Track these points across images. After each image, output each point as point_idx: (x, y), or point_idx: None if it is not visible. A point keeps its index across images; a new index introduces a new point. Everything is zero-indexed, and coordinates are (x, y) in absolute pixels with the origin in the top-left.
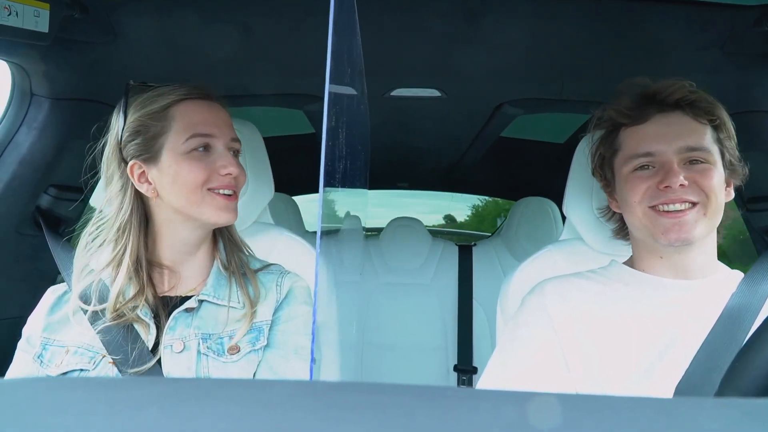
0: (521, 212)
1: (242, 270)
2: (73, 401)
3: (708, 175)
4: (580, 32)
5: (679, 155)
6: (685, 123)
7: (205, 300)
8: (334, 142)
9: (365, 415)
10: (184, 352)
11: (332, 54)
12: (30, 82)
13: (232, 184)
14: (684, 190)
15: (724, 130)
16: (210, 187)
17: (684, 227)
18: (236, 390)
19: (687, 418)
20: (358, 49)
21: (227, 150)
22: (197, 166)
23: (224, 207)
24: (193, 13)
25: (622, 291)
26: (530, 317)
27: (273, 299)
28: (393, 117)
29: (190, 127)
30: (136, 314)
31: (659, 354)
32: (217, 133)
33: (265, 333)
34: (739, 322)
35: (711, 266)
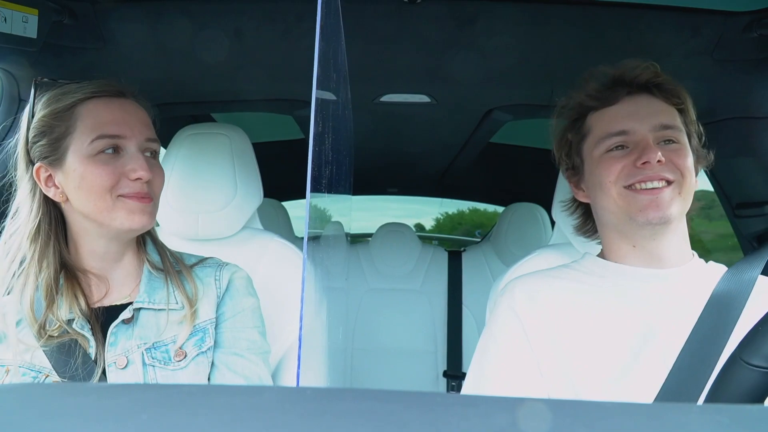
0: (510, 217)
1: (177, 267)
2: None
3: (682, 154)
4: (570, 38)
5: (654, 133)
6: (655, 103)
7: (142, 307)
8: (321, 147)
9: (355, 421)
10: (129, 367)
11: (319, 60)
12: (18, 87)
13: (143, 190)
14: (661, 167)
15: (689, 115)
16: (121, 194)
17: (661, 204)
18: (225, 396)
19: (677, 424)
20: (343, 55)
21: (140, 152)
22: (103, 170)
23: (137, 210)
24: (183, 19)
25: (596, 284)
26: (501, 321)
27: (213, 295)
28: (383, 123)
29: (97, 127)
30: (73, 328)
31: (639, 345)
32: (128, 133)
33: (210, 333)
34: (727, 310)
35: (685, 254)
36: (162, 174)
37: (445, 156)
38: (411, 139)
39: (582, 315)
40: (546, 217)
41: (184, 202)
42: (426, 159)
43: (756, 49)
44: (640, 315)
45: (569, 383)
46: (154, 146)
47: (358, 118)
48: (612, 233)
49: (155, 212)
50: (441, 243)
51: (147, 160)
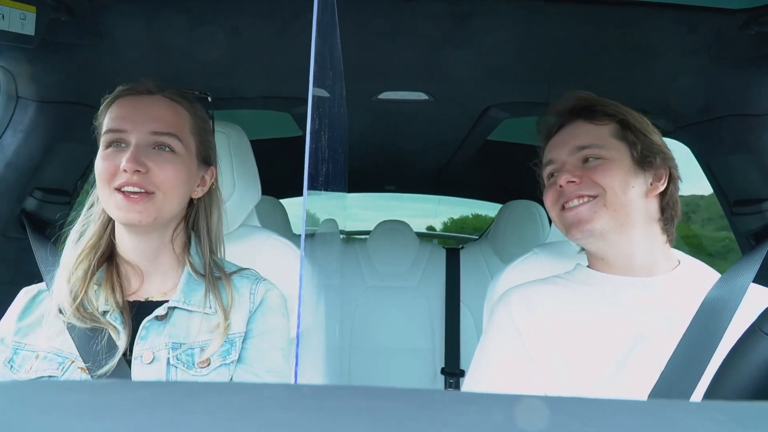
0: (508, 215)
1: (217, 274)
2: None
3: (602, 169)
4: (568, 36)
5: (570, 156)
6: (582, 127)
7: (177, 307)
8: (317, 144)
9: (352, 418)
10: (154, 363)
11: (316, 57)
12: (16, 84)
13: (132, 180)
14: (579, 187)
15: (631, 126)
16: (115, 186)
17: (582, 219)
18: (223, 393)
19: (673, 421)
20: (339, 52)
21: (140, 145)
22: (103, 163)
23: (122, 206)
24: (181, 16)
25: (586, 293)
26: (498, 328)
27: (246, 308)
28: (380, 120)
29: (109, 123)
30: (107, 319)
31: (627, 352)
32: (129, 127)
33: (237, 346)
34: (718, 316)
35: (665, 262)
36: (171, 168)
37: (443, 153)
38: (408, 137)
39: (574, 322)
40: (543, 214)
41: None
42: (423, 156)
43: (753, 47)
44: (627, 322)
45: (565, 388)
46: (164, 140)
47: (356, 115)
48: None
49: (154, 209)
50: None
51: (148, 153)
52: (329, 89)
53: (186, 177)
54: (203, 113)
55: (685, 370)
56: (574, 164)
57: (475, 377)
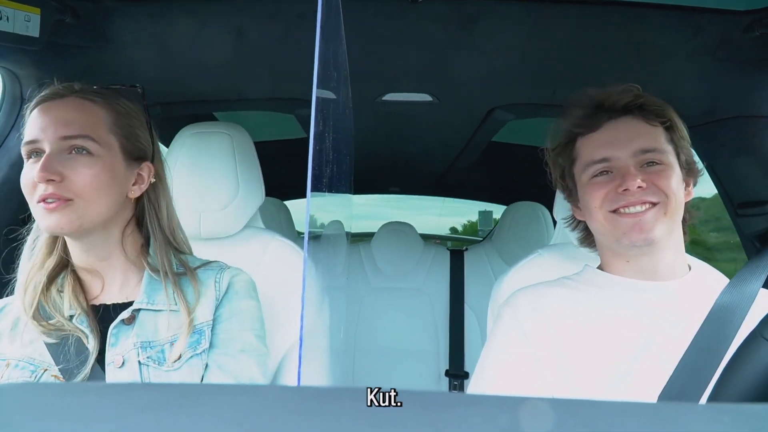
0: (512, 217)
1: (180, 270)
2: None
3: (665, 176)
4: (572, 37)
5: (634, 158)
6: (637, 126)
7: (141, 308)
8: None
9: (356, 420)
10: (125, 366)
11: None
12: (21, 87)
13: (48, 192)
14: (643, 192)
15: (677, 131)
16: (36, 200)
17: (644, 227)
18: (224, 396)
19: (679, 424)
20: (344, 55)
21: (53, 153)
22: (23, 177)
23: (44, 216)
24: (185, 18)
25: (595, 295)
26: (504, 330)
27: (212, 297)
28: (385, 122)
29: (25, 134)
30: (73, 323)
31: (636, 356)
32: (41, 135)
33: (206, 335)
34: (727, 322)
35: (681, 267)
36: (87, 172)
37: (447, 155)
38: (413, 138)
39: (582, 325)
40: (548, 216)
41: (186, 201)
42: (428, 158)
43: (757, 49)
44: (637, 325)
45: (572, 392)
46: (77, 142)
47: (360, 117)
48: (606, 250)
49: (76, 215)
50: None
51: (62, 160)
52: (334, 91)
53: (109, 178)
54: (129, 107)
55: (694, 377)
56: (637, 167)
57: (481, 379)
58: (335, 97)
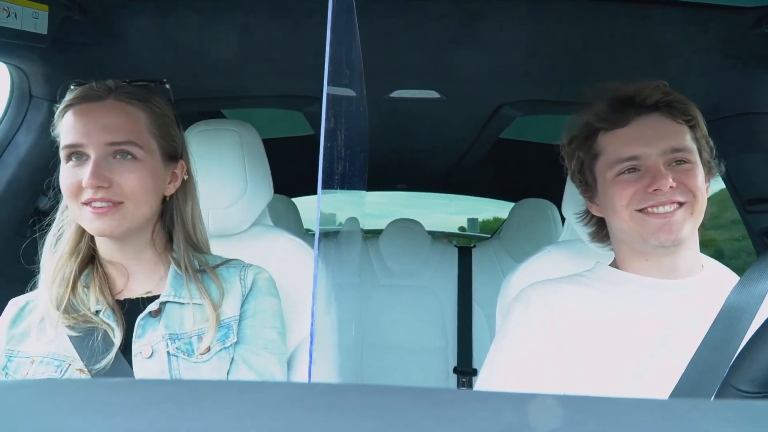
0: (521, 214)
1: (201, 267)
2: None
3: (693, 175)
4: (580, 34)
5: (664, 157)
6: (665, 124)
7: (168, 301)
8: (332, 143)
9: (365, 417)
10: (154, 356)
11: (330, 56)
12: (29, 83)
13: (98, 196)
14: (672, 192)
15: (700, 129)
16: (84, 201)
17: (673, 227)
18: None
19: (687, 420)
20: (357, 51)
21: (100, 158)
22: (66, 179)
23: (93, 219)
24: (193, 15)
25: (609, 293)
26: (514, 326)
27: (238, 293)
28: (392, 119)
29: (65, 136)
30: (100, 318)
31: (651, 354)
32: (85, 141)
33: (234, 329)
34: (737, 322)
35: (696, 264)
36: (136, 177)
37: (455, 152)
38: (421, 135)
39: (596, 323)
40: (556, 213)
41: None
42: (435, 155)
43: (765, 45)
44: (652, 324)
45: (582, 389)
46: (124, 148)
47: (368, 114)
48: (625, 248)
49: (125, 218)
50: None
51: (110, 165)
52: (346, 88)
53: (153, 181)
54: (162, 106)
55: (705, 376)
56: (666, 166)
57: (490, 376)
58: (347, 93)
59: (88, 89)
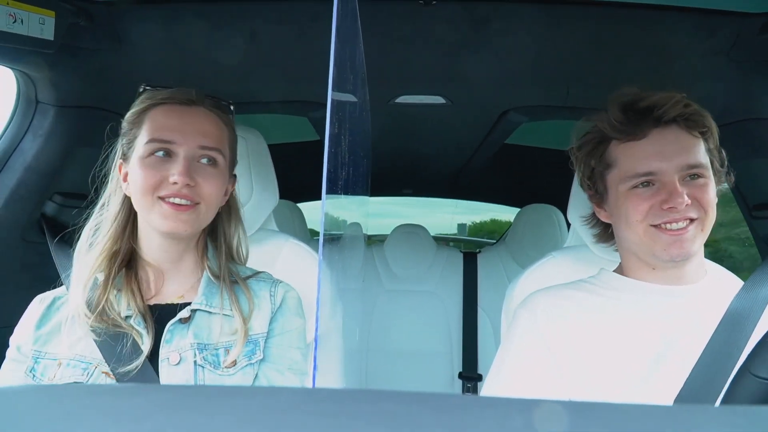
0: (526, 219)
1: (233, 278)
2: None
3: (706, 190)
4: (586, 39)
5: (680, 173)
6: (682, 138)
7: (199, 309)
8: (336, 149)
9: (370, 422)
10: (181, 364)
11: (335, 61)
12: (35, 89)
13: (182, 193)
14: (687, 208)
15: (713, 140)
16: (160, 195)
17: (685, 243)
18: (240, 398)
19: (693, 426)
20: (360, 57)
21: (188, 158)
22: (148, 171)
23: (169, 216)
24: (199, 20)
25: (615, 299)
26: (521, 332)
27: (267, 310)
28: (398, 124)
29: (153, 131)
30: (129, 323)
31: (656, 360)
32: (179, 139)
33: (260, 346)
34: (740, 327)
35: (701, 271)
36: (215, 183)
37: (460, 157)
38: (426, 141)
39: (601, 328)
40: (561, 218)
41: None
42: (441, 160)
43: None
44: (657, 330)
45: (590, 396)
46: (211, 154)
47: (373, 119)
48: (633, 257)
49: (197, 219)
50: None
51: (195, 166)
52: (350, 93)
53: (223, 189)
54: (232, 122)
55: (709, 380)
56: (681, 182)
57: (496, 382)
58: (351, 99)
59: (179, 92)
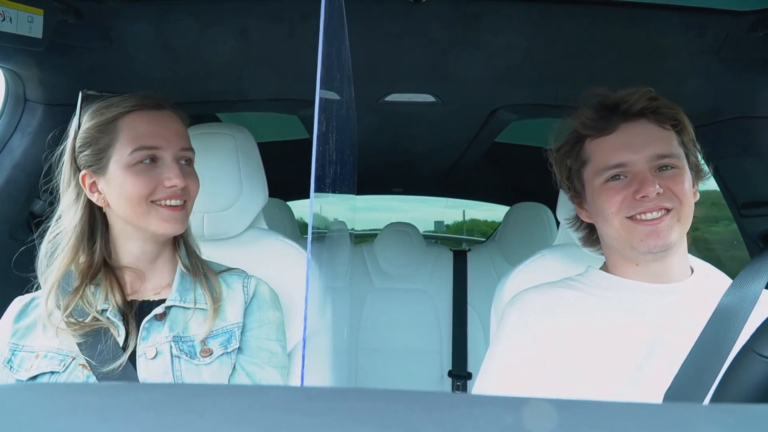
0: (515, 217)
1: (203, 271)
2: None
3: (679, 181)
4: (576, 37)
5: (650, 163)
6: (652, 130)
7: (174, 305)
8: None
9: (360, 420)
10: (158, 357)
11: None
12: (24, 87)
13: (177, 194)
14: (659, 198)
15: (687, 134)
16: (154, 199)
17: (661, 234)
18: (228, 396)
19: (682, 424)
20: (347, 54)
21: (175, 161)
22: (141, 179)
23: (169, 218)
24: (189, 18)
25: (601, 297)
26: (511, 331)
27: (241, 300)
28: (388, 122)
29: (136, 139)
30: (106, 317)
31: (644, 358)
32: (164, 144)
33: (236, 336)
34: (730, 323)
35: (686, 269)
36: (196, 180)
37: (450, 155)
38: (416, 139)
39: (589, 326)
40: (551, 217)
41: None
42: (431, 158)
43: (761, 49)
44: (644, 328)
45: (579, 394)
46: (189, 155)
47: (363, 117)
48: (615, 253)
49: (187, 218)
50: None
51: (182, 168)
52: (337, 92)
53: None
54: None
55: (697, 378)
56: (652, 173)
57: (486, 379)
58: (339, 97)
59: (146, 97)
